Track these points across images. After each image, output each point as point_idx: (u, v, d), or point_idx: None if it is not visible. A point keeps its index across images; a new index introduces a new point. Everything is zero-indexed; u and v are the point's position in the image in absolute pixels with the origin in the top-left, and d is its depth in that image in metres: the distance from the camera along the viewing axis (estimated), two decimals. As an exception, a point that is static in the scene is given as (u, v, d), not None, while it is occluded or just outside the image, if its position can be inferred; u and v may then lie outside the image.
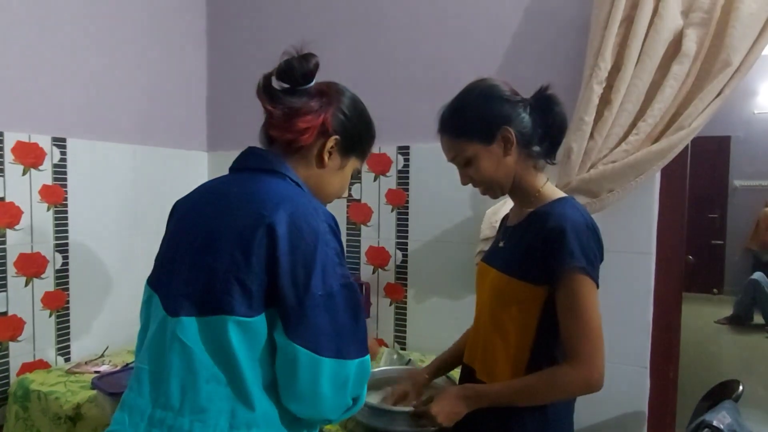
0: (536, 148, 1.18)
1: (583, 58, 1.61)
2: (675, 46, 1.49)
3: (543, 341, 1.12)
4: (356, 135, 1.05)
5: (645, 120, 1.51)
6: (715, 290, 6.82)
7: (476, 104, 1.16)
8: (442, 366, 1.43)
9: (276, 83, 1.00)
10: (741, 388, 1.33)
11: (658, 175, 1.63)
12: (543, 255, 1.08)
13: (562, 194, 1.19)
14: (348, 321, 0.88)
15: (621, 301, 1.66)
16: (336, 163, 1.05)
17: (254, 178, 0.96)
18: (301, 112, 0.98)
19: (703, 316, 5.78)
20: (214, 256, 0.88)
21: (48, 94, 1.78)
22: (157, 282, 0.98)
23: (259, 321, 0.86)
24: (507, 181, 1.18)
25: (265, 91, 0.99)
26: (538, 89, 1.19)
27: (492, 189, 1.20)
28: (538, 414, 1.12)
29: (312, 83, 1.01)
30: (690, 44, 1.47)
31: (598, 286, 1.08)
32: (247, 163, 1.01)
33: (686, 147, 1.58)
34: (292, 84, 1.00)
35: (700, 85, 1.47)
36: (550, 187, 1.21)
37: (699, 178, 6.64)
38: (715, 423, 1.15)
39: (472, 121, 1.16)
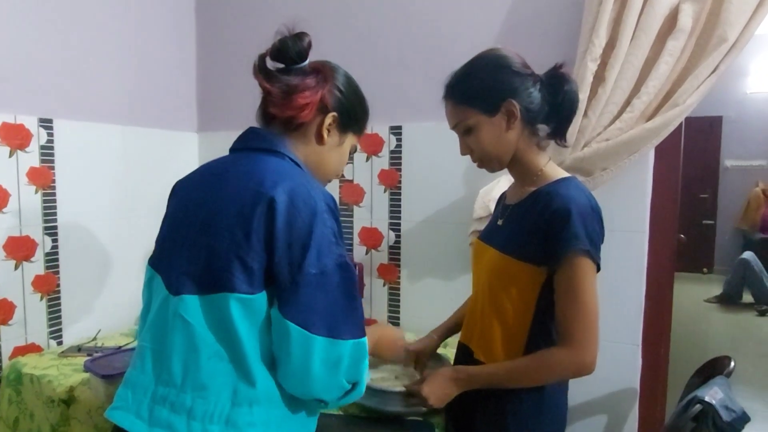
0: (542, 126, 1.15)
1: (578, 34, 1.58)
2: (670, 22, 1.48)
3: (541, 322, 1.12)
4: (353, 111, 1.06)
5: (639, 97, 1.50)
6: (705, 269, 6.91)
7: (484, 72, 1.13)
8: (448, 329, 1.45)
9: (270, 63, 1.00)
10: (732, 364, 1.35)
11: (651, 153, 1.63)
12: (545, 236, 1.07)
13: (564, 174, 1.17)
14: (342, 301, 0.88)
15: (614, 279, 1.66)
16: (335, 140, 1.06)
17: (254, 157, 0.97)
18: (299, 89, 0.98)
19: (693, 295, 5.85)
20: (215, 235, 0.89)
21: (34, 75, 1.75)
22: (159, 262, 0.99)
23: (260, 298, 0.87)
24: (506, 157, 1.16)
25: (261, 70, 1.00)
26: (552, 67, 1.16)
27: (489, 162, 1.18)
28: (534, 394, 1.13)
29: (306, 62, 1.02)
30: (686, 19, 1.45)
31: (599, 270, 1.07)
32: (247, 143, 1.02)
33: (680, 124, 1.57)
34: (286, 63, 1.01)
35: (695, 62, 1.46)
36: (552, 166, 1.19)
37: (690, 158, 6.67)
38: (707, 398, 1.16)
39: (478, 88, 1.13)
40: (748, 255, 5.59)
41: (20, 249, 1.73)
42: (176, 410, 0.87)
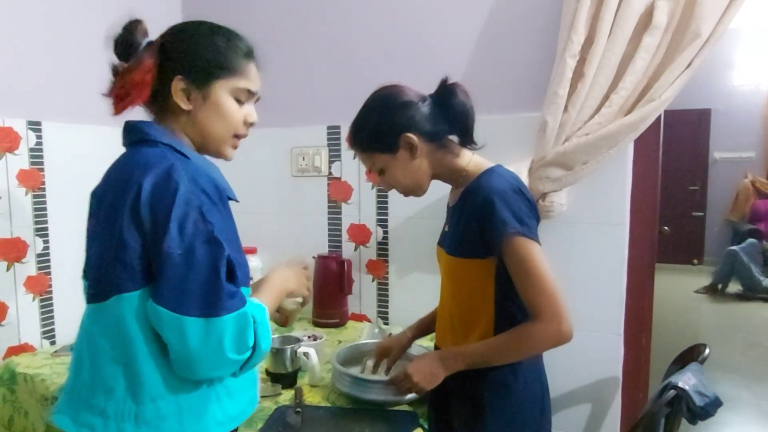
0: (451, 137, 1.23)
1: (558, 31, 1.62)
2: (646, 18, 1.51)
3: (503, 308, 1.17)
4: (201, 59, 0.96)
5: (617, 92, 1.53)
6: (695, 261, 6.97)
7: (374, 117, 1.22)
8: (423, 327, 1.49)
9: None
10: (707, 351, 1.39)
11: (631, 147, 1.66)
12: (480, 230, 1.13)
13: (488, 165, 1.23)
14: (215, 277, 0.85)
15: (596, 271, 1.70)
16: (199, 100, 0.97)
17: (132, 151, 0.97)
18: (129, 72, 0.94)
19: (684, 286, 5.92)
20: (101, 239, 0.92)
21: (21, 78, 1.76)
22: (84, 273, 1.02)
23: (145, 293, 0.88)
24: (423, 182, 1.25)
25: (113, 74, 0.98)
26: (440, 83, 1.22)
27: (411, 192, 1.27)
28: (508, 372, 1.17)
29: (143, 43, 0.96)
30: (661, 16, 1.48)
31: (539, 243, 1.12)
32: (125, 139, 1.01)
33: (659, 118, 1.61)
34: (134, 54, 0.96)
35: (670, 57, 1.49)
36: (475, 161, 1.24)
37: (680, 151, 6.76)
38: (680, 384, 1.20)
39: (373, 134, 1.21)
40: (736, 246, 5.66)
41: (11, 250, 1.75)
42: (94, 411, 0.91)
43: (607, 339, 1.71)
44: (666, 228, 2.44)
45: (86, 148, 1.95)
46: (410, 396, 1.32)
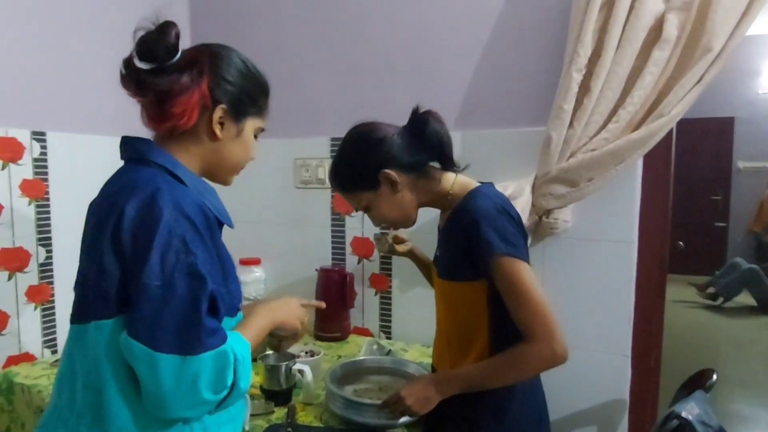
0: (432, 164, 1.22)
1: (564, 44, 1.57)
2: (656, 32, 1.46)
3: (498, 329, 1.15)
4: (244, 95, 0.97)
5: (625, 108, 1.48)
6: (717, 272, 6.79)
7: (351, 158, 1.22)
8: (421, 259, 1.60)
9: (141, 64, 0.92)
10: (714, 377, 1.34)
11: (640, 163, 1.61)
12: (468, 252, 1.11)
13: (473, 185, 1.21)
14: (193, 312, 0.81)
15: (603, 289, 1.65)
16: (232, 132, 0.98)
17: (127, 169, 0.94)
18: (173, 94, 0.90)
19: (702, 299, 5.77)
20: (85, 259, 0.90)
21: (25, 88, 1.77)
22: (75, 285, 0.99)
23: (118, 322, 0.84)
24: (410, 212, 1.25)
25: (129, 78, 0.92)
26: (411, 112, 1.21)
27: (401, 224, 1.27)
28: (505, 395, 1.15)
29: (178, 55, 0.92)
30: (671, 29, 1.43)
31: (528, 262, 1.10)
32: (123, 154, 0.97)
33: (670, 133, 1.55)
34: (157, 62, 0.91)
35: (680, 72, 1.44)
36: (459, 182, 1.23)
37: (702, 160, 6.63)
38: (683, 414, 1.15)
39: (352, 175, 1.22)
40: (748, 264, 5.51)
41: (13, 260, 1.75)
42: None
43: (614, 360, 1.66)
44: (680, 243, 2.37)
45: (90, 158, 1.96)
46: (404, 419, 1.28)
